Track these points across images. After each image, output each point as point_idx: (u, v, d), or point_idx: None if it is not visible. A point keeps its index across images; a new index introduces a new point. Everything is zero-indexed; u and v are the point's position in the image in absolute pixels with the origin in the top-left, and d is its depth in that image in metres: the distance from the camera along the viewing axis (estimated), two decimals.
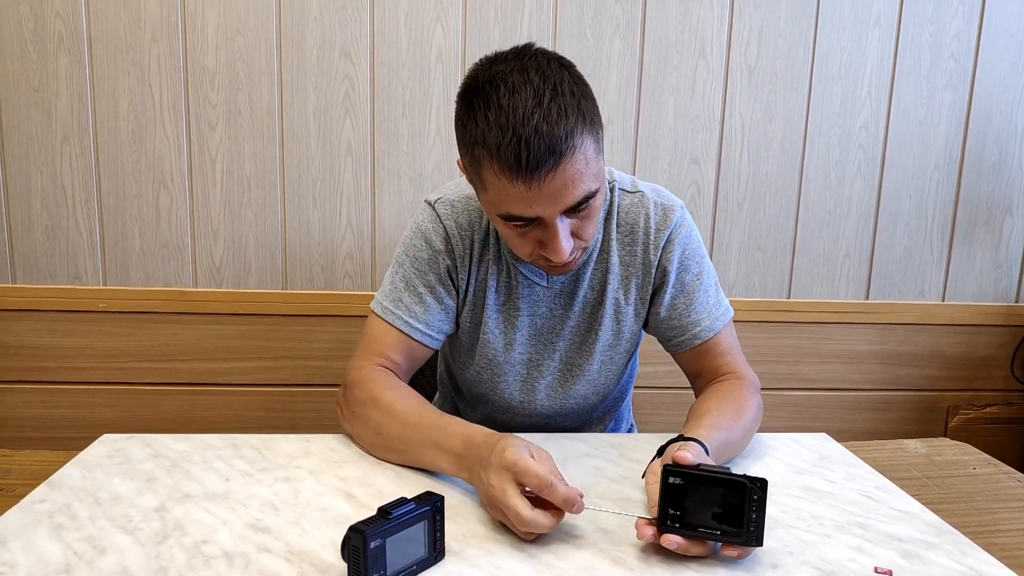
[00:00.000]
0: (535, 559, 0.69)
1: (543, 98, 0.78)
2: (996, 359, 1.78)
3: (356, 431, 0.94)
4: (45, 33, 1.47)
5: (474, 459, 0.78)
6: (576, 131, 0.79)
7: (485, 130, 0.79)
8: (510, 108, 0.77)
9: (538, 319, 1.03)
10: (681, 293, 1.02)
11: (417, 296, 0.99)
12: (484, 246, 1.01)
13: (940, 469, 1.01)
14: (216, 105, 1.52)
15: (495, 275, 1.01)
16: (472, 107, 0.81)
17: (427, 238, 1.00)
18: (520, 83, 0.78)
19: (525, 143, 0.76)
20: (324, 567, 0.67)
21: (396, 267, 1.02)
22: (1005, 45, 1.64)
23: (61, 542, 0.70)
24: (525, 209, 0.81)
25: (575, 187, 0.80)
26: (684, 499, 0.69)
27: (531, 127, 0.76)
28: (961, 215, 1.71)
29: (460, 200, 1.01)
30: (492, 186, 0.82)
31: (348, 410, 0.95)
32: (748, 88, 1.61)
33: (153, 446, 0.92)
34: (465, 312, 1.04)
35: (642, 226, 1.01)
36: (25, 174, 1.52)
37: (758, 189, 1.65)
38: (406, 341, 0.99)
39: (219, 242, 1.57)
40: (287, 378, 1.63)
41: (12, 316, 1.56)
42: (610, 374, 1.08)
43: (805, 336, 1.72)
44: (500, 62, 0.82)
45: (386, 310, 1.00)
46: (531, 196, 0.80)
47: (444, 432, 0.84)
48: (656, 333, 1.07)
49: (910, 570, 0.69)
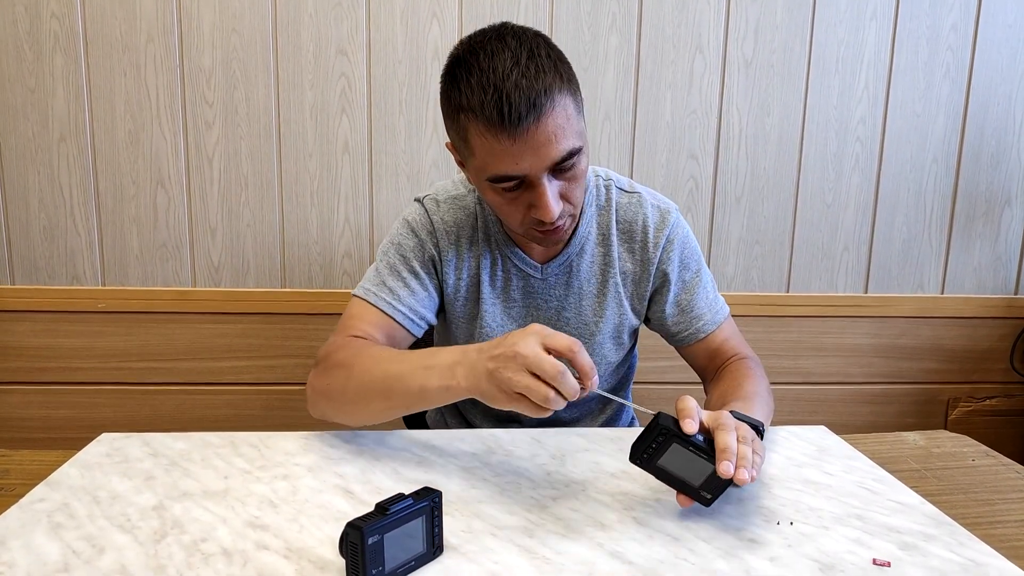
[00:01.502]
0: (533, 553, 0.69)
1: (520, 58, 0.81)
2: (995, 351, 1.77)
3: (333, 389, 0.90)
4: (41, 33, 1.47)
5: (474, 354, 0.77)
6: (554, 87, 0.82)
7: (468, 94, 0.82)
8: (490, 68, 0.81)
9: (534, 310, 1.05)
10: (683, 291, 1.06)
11: (401, 280, 1.00)
12: (473, 241, 1.02)
13: (939, 461, 1.01)
14: (213, 104, 1.52)
15: (488, 268, 1.02)
16: (455, 77, 0.84)
17: (413, 228, 1.02)
18: (499, 48, 0.82)
19: (506, 97, 0.79)
20: (323, 564, 0.67)
21: (380, 256, 1.03)
22: (1002, 36, 1.63)
23: (60, 541, 0.70)
24: (512, 167, 0.83)
25: (559, 142, 0.83)
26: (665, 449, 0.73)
27: (511, 82, 0.80)
28: (960, 207, 1.70)
29: (447, 199, 1.03)
30: (479, 148, 0.84)
31: (324, 380, 0.91)
32: (745, 82, 1.61)
33: (151, 445, 0.92)
34: (459, 307, 1.04)
35: (640, 225, 1.04)
36: (22, 175, 1.52)
37: (756, 183, 1.65)
38: (388, 322, 0.98)
39: (217, 241, 1.57)
40: (286, 377, 1.63)
41: (11, 317, 1.56)
42: (609, 365, 1.09)
43: (804, 330, 1.72)
44: (478, 35, 0.86)
45: (368, 292, 1.00)
46: (516, 151, 0.82)
47: (433, 354, 0.82)
48: (661, 330, 1.11)
49: (909, 562, 0.69)
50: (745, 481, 0.69)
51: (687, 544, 0.72)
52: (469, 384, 0.77)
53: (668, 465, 0.74)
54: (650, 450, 0.73)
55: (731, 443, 0.71)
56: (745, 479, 0.69)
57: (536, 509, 0.78)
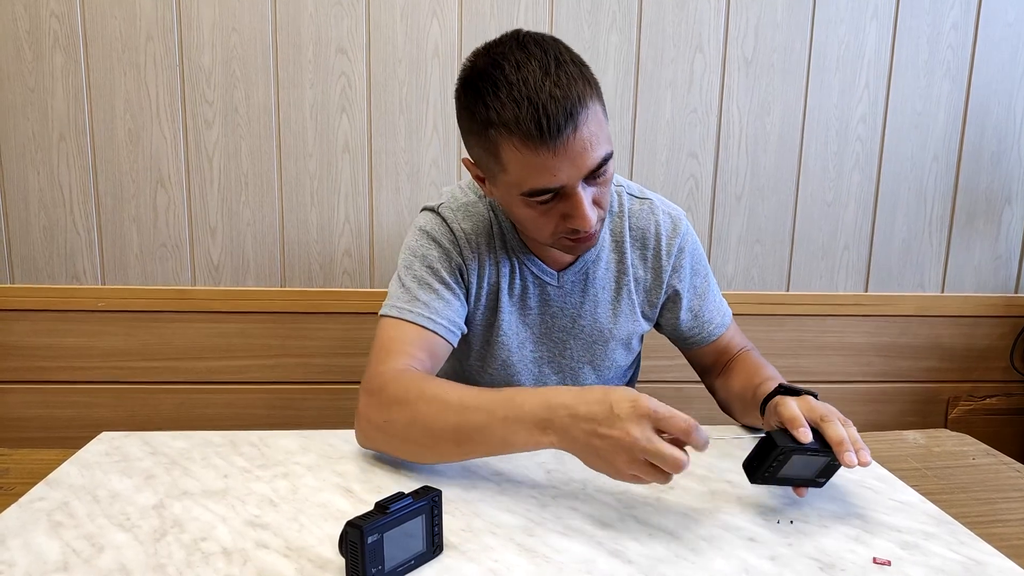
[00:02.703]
0: (533, 552, 0.69)
1: (549, 67, 0.79)
2: (996, 350, 1.77)
3: (397, 433, 0.83)
4: (40, 32, 1.47)
5: (567, 419, 0.74)
6: (586, 94, 0.80)
7: (499, 109, 0.80)
8: (520, 81, 0.79)
9: (549, 317, 1.04)
10: (695, 297, 1.08)
11: (434, 292, 0.96)
12: (491, 248, 1.00)
13: (939, 460, 1.01)
14: (212, 103, 1.52)
15: (507, 276, 1.00)
16: (479, 92, 0.82)
17: (435, 238, 0.98)
18: (523, 58, 0.80)
19: (543, 109, 0.77)
20: (322, 563, 0.67)
21: (404, 270, 0.98)
22: (1003, 34, 1.63)
23: (59, 540, 0.70)
24: (550, 180, 0.81)
25: (594, 149, 0.82)
26: (786, 462, 0.75)
27: (546, 94, 0.78)
28: (960, 206, 1.70)
29: (460, 207, 1.01)
30: (513, 163, 0.82)
31: (382, 415, 0.84)
32: (745, 81, 1.60)
33: (151, 444, 0.92)
34: (478, 315, 1.02)
35: (653, 232, 1.04)
36: (22, 174, 1.52)
37: (756, 182, 1.65)
38: (429, 337, 0.93)
39: (217, 240, 1.57)
40: (286, 376, 1.63)
41: (11, 316, 1.56)
42: (619, 369, 1.10)
43: (804, 329, 1.72)
44: (496, 46, 0.83)
45: (402, 310, 0.94)
46: (555, 164, 0.80)
47: (513, 403, 0.77)
48: (672, 335, 1.12)
49: (909, 560, 0.69)
50: (868, 463, 0.74)
51: (687, 543, 0.72)
52: (565, 447, 0.75)
53: (789, 472, 0.76)
54: (771, 468, 0.75)
55: (843, 434, 0.74)
56: (868, 462, 0.74)
57: (536, 508, 0.78)
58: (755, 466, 0.75)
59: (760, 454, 0.75)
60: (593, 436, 0.72)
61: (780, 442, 0.73)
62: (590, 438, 0.72)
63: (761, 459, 0.75)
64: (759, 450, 0.75)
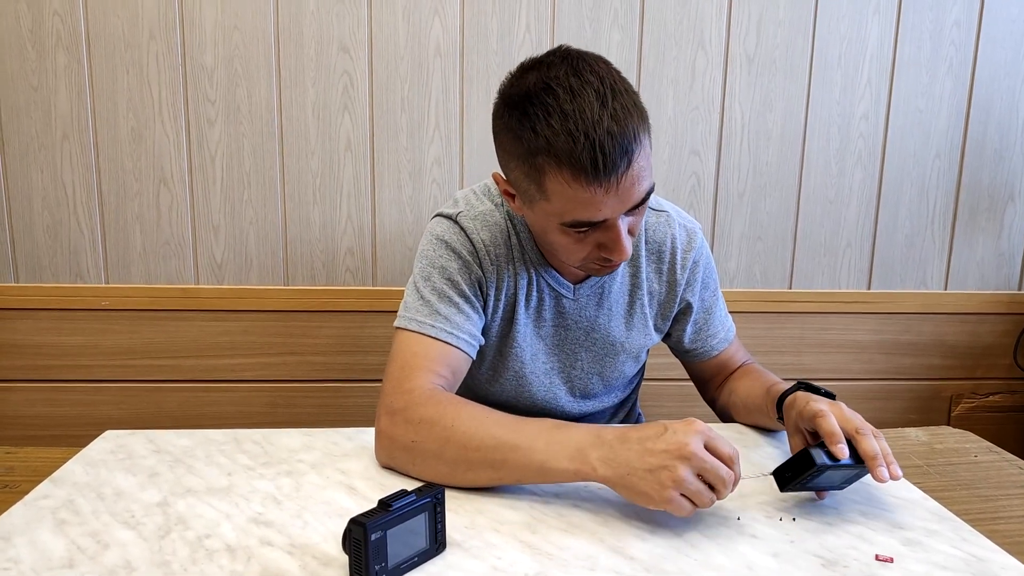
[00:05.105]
0: (536, 549, 0.69)
1: (607, 99, 0.76)
2: (999, 347, 1.77)
3: (423, 448, 0.81)
4: (43, 31, 1.47)
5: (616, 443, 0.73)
6: (640, 129, 0.78)
7: (550, 137, 0.76)
8: (576, 112, 0.75)
9: (563, 329, 1.03)
10: (702, 310, 1.07)
11: (454, 305, 0.93)
12: (509, 260, 0.97)
13: (942, 457, 1.01)
14: (215, 102, 1.52)
15: (524, 288, 0.99)
16: (528, 116, 0.78)
17: (454, 249, 0.95)
18: (579, 86, 0.76)
19: (599, 146, 0.75)
20: (326, 560, 0.67)
21: (423, 281, 0.95)
22: (1006, 31, 1.63)
23: (64, 537, 0.70)
24: (594, 213, 0.79)
25: (640, 184, 0.80)
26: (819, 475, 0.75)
27: (603, 130, 0.75)
28: (963, 203, 1.70)
29: (478, 216, 0.98)
30: (558, 195, 0.79)
31: (409, 435, 0.82)
32: (748, 78, 1.60)
33: (156, 441, 0.92)
34: (494, 327, 1.01)
35: (669, 246, 1.02)
36: (26, 173, 1.53)
37: (758, 179, 1.65)
38: (451, 353, 0.91)
39: (220, 239, 1.58)
40: (289, 374, 1.63)
41: (15, 315, 1.57)
42: (625, 379, 1.11)
43: (807, 326, 1.72)
44: (548, 67, 0.79)
45: (423, 324, 0.91)
46: (604, 200, 0.78)
47: (560, 428, 0.78)
48: (676, 347, 1.12)
49: (912, 557, 0.69)
50: (900, 477, 0.75)
51: (689, 539, 0.72)
52: (609, 474, 0.73)
53: (820, 483, 0.77)
54: (804, 480, 0.75)
55: (877, 448, 0.75)
56: (900, 476, 0.74)
57: (538, 505, 0.78)
58: (787, 477, 0.76)
59: (795, 467, 0.75)
60: (647, 455, 0.71)
61: (819, 460, 0.74)
62: (646, 457, 0.71)
63: (796, 472, 0.75)
64: (794, 463, 0.75)
